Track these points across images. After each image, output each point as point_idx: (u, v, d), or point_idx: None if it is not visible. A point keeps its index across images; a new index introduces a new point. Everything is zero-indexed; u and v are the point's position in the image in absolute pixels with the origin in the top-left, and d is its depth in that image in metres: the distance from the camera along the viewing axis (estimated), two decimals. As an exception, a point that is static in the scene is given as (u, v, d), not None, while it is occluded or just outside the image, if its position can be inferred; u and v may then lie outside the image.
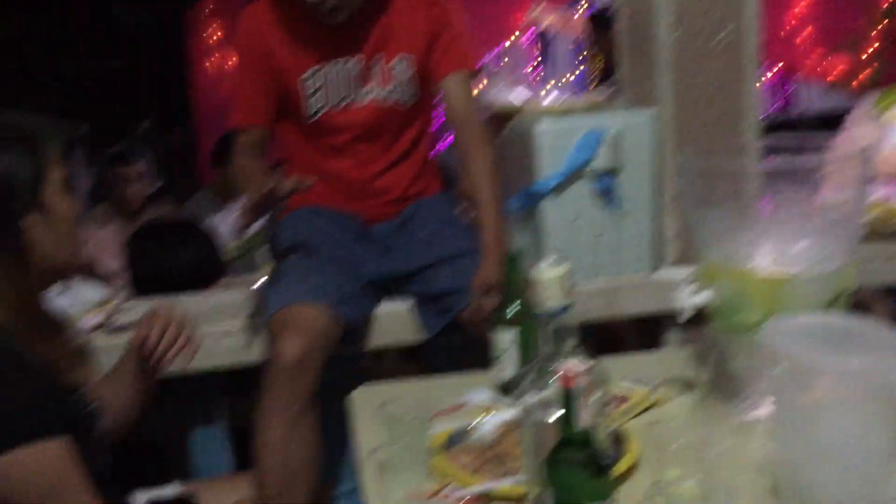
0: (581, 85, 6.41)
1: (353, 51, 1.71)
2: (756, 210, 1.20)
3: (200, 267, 2.03)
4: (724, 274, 1.19)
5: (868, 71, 6.04)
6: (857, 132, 5.53)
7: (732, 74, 1.80)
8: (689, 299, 1.23)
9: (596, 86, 6.31)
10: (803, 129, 3.19)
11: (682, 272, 1.25)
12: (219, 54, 5.87)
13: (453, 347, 1.78)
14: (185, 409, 1.93)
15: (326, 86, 1.72)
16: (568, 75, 6.41)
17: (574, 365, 0.84)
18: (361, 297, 1.70)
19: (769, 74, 6.27)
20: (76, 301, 1.76)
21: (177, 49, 5.90)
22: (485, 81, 2.03)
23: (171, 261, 1.99)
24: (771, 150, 1.30)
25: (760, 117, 1.86)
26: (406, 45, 1.73)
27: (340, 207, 1.79)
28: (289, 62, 1.71)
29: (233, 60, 5.78)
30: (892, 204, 2.08)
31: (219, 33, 5.84)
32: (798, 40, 6.25)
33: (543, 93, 1.95)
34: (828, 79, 6.31)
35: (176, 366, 1.35)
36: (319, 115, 1.73)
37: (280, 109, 1.76)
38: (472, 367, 1.53)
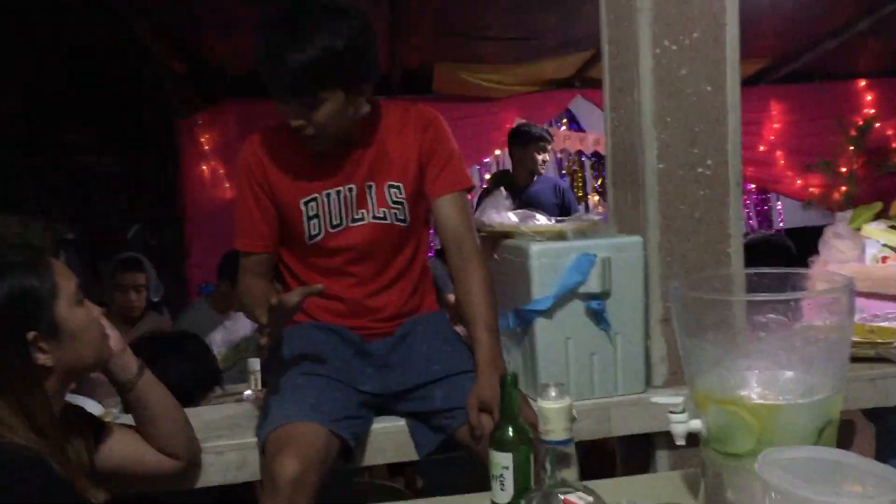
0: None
1: (347, 179, 1.79)
2: (745, 338, 1.25)
3: (196, 378, 2.04)
4: (715, 401, 1.23)
5: (842, 189, 6.26)
6: (836, 248, 5.66)
7: (716, 202, 1.89)
8: (681, 425, 1.26)
9: (576, 200, 6.48)
10: (781, 249, 3.29)
11: (675, 398, 1.28)
12: (212, 162, 6.01)
13: (447, 465, 1.79)
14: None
15: (323, 212, 1.79)
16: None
17: (575, 498, 0.87)
18: (358, 414, 1.72)
19: (747, 194, 6.48)
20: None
21: (169, 154, 6.04)
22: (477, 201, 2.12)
23: (167, 373, 2.00)
24: (755, 277, 1.37)
25: (743, 241, 1.94)
26: (397, 173, 1.81)
27: (338, 324, 1.83)
28: (287, 191, 1.78)
29: (223, 177, 5.95)
30: (872, 324, 2.14)
31: (208, 144, 6.00)
32: (774, 160, 6.49)
33: (535, 215, 2.02)
34: (804, 197, 6.53)
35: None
36: (317, 238, 1.80)
37: (281, 233, 1.83)
38: (466, 486, 1.54)
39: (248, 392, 2.99)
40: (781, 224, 6.78)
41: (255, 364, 3.15)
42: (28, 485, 1.12)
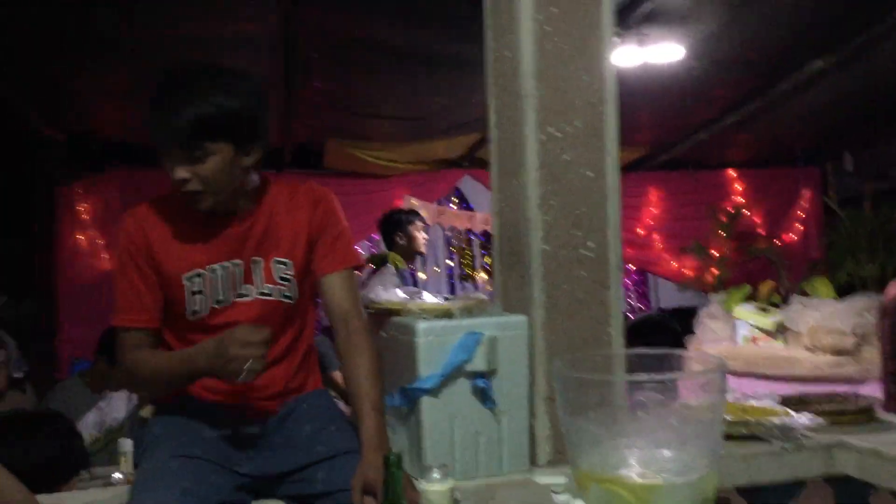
0: (452, 276, 6.67)
1: (233, 254, 1.75)
2: (624, 416, 1.28)
3: (61, 461, 1.92)
4: (597, 480, 1.24)
5: (715, 272, 6.58)
6: (710, 329, 5.89)
7: (597, 283, 1.95)
8: (564, 505, 1.27)
9: (464, 278, 6.56)
10: (666, 329, 3.42)
11: (558, 477, 1.29)
12: (89, 232, 5.79)
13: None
14: None
15: (207, 287, 1.74)
16: (440, 267, 6.68)
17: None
18: (235, 499, 1.64)
19: (627, 274, 6.72)
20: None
21: (41, 223, 5.78)
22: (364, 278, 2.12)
23: (28, 455, 1.88)
24: (635, 358, 1.41)
25: (627, 320, 2.00)
26: (286, 249, 1.78)
27: (217, 402, 1.76)
28: (170, 264, 1.73)
29: (101, 248, 5.74)
30: (744, 404, 2.23)
31: (86, 213, 5.80)
32: (652, 243, 6.78)
33: (423, 293, 2.03)
34: (679, 278, 6.82)
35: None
36: (200, 315, 1.74)
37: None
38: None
39: (117, 475, 2.83)
40: (659, 305, 7.06)
41: (125, 444, 2.99)
42: None
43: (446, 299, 2.00)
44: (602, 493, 1.23)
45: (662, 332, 3.35)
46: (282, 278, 1.78)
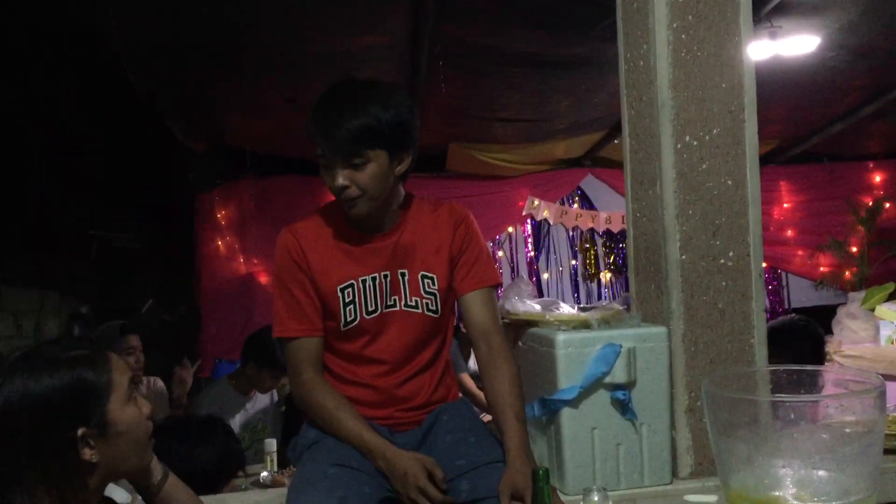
0: (576, 275, 6.63)
1: (382, 266, 1.84)
2: (777, 436, 1.26)
3: (223, 465, 2.05)
4: (750, 501, 1.23)
5: (853, 269, 6.28)
6: (849, 329, 5.64)
7: (738, 294, 1.92)
8: (716, 525, 1.26)
9: (587, 277, 6.51)
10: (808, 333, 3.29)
11: (709, 496, 1.29)
12: (227, 237, 6.08)
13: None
14: None
15: (359, 297, 1.83)
16: (563, 266, 6.65)
17: None
18: (385, 509, 1.72)
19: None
20: None
21: (183, 231, 6.12)
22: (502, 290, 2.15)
23: (194, 460, 2.02)
24: (781, 373, 1.39)
25: (765, 332, 1.96)
26: (430, 264, 1.86)
27: (365, 415, 1.84)
28: (324, 277, 1.82)
29: (238, 252, 6.01)
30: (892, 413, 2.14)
31: (225, 219, 6.08)
32: (784, 239, 6.53)
33: (559, 303, 2.05)
34: (815, 276, 6.54)
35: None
36: (352, 325, 1.83)
37: None
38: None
39: (265, 474, 2.98)
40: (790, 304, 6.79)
41: (271, 445, 3.15)
42: None
43: (583, 310, 2.01)
44: (756, 514, 1.22)
45: (804, 338, 3.22)
46: (427, 292, 1.84)
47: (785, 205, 6.54)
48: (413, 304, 1.84)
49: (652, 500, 1.83)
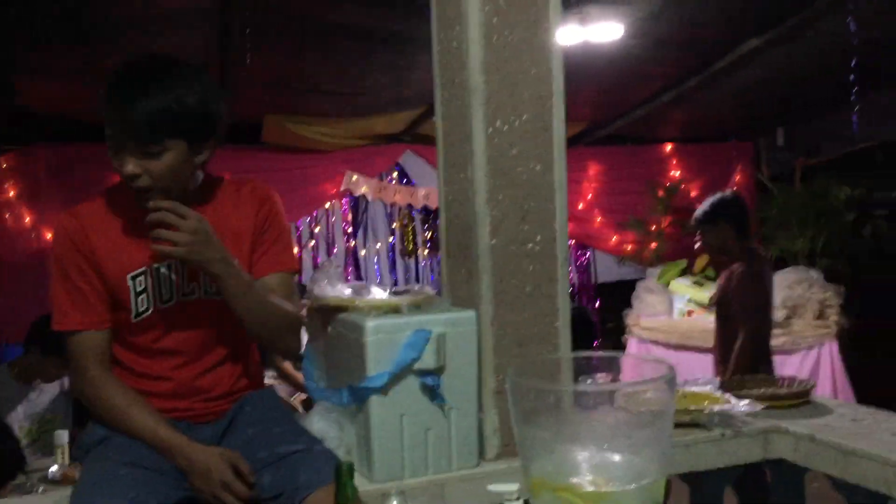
0: (393, 251, 6.65)
1: None
2: (575, 422, 1.29)
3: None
4: (550, 488, 1.25)
5: (652, 246, 6.69)
6: (647, 302, 6.00)
7: (545, 277, 1.96)
8: (518, 513, 1.28)
9: (406, 254, 6.55)
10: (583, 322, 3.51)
11: (510, 485, 1.30)
12: (17, 210, 5.59)
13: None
14: None
15: (152, 287, 1.70)
16: (381, 242, 6.65)
17: None
18: (183, 507, 1.62)
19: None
20: None
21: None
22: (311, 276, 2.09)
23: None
24: (582, 360, 1.43)
25: (569, 314, 2.01)
26: (232, 244, 1.74)
27: (162, 407, 1.72)
28: (113, 263, 1.68)
29: (29, 227, 5.54)
30: (685, 390, 2.27)
31: (14, 190, 5.59)
32: (592, 217, 6.86)
33: (370, 287, 2.01)
34: (618, 252, 6.92)
35: None
36: (144, 315, 1.70)
37: None
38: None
39: (53, 468, 2.76)
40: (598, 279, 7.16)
41: (61, 437, 2.92)
42: None
43: (395, 294, 1.98)
44: (554, 501, 1.24)
45: (582, 324, 3.40)
46: None
47: (593, 185, 6.86)
48: (214, 291, 1.73)
49: (459, 485, 1.84)
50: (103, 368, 1.69)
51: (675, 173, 7.00)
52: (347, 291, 1.97)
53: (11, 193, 5.58)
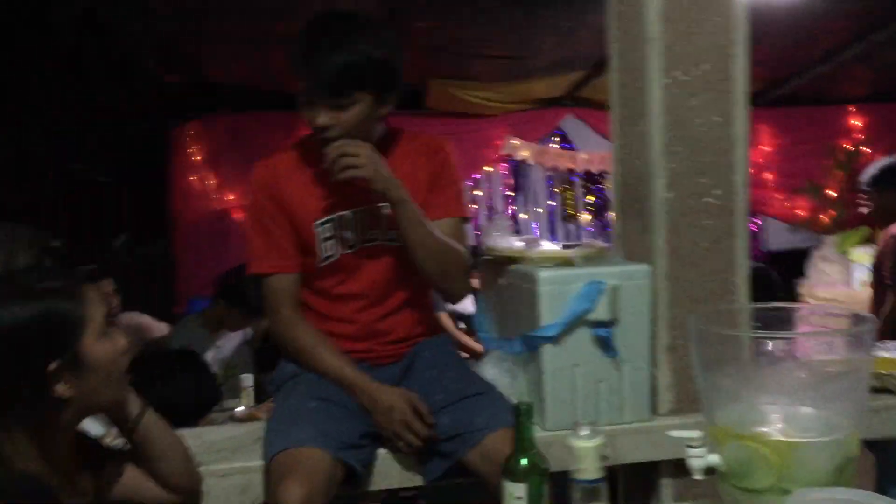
0: (553, 216, 6.62)
1: (361, 201, 1.79)
2: (763, 372, 1.25)
3: (199, 399, 2.03)
4: (735, 437, 1.23)
5: (830, 213, 6.31)
6: (823, 272, 5.68)
7: (723, 232, 1.90)
8: (699, 460, 1.26)
9: (566, 218, 6.50)
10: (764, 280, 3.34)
11: (693, 431, 1.28)
12: (202, 173, 5.98)
13: (451, 495, 1.78)
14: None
15: (337, 233, 1.79)
16: (541, 207, 6.64)
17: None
18: (363, 443, 1.70)
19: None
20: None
21: (158, 165, 6.00)
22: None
23: (169, 394, 1.99)
24: (761, 311, 1.38)
25: (748, 270, 1.95)
26: (409, 195, 1.81)
27: (345, 348, 1.81)
28: (302, 211, 1.78)
29: (213, 189, 5.92)
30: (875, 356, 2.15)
31: (199, 155, 5.98)
32: (762, 182, 6.54)
33: (541, 240, 2.03)
34: (791, 219, 6.58)
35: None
36: (330, 261, 1.79)
37: None
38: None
39: (240, 409, 2.97)
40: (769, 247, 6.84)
41: (247, 380, 3.14)
42: None
43: (565, 247, 1.98)
44: (740, 449, 1.22)
45: (763, 285, 3.24)
46: None
47: (765, 148, 6.53)
48: (393, 237, 1.80)
49: (631, 437, 1.84)
50: (294, 310, 1.80)
51: (858, 136, 6.55)
52: (519, 244, 2.00)
53: (196, 158, 5.97)
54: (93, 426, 1.80)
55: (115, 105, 5.57)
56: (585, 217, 6.67)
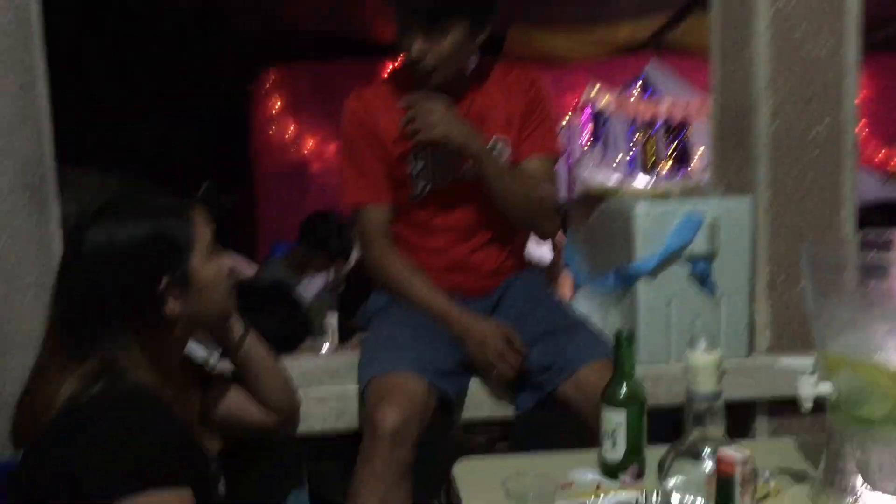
0: (634, 165, 6.49)
1: None
2: (882, 300, 1.20)
3: (293, 329, 2.06)
4: (849, 366, 1.19)
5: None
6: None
7: (829, 166, 1.83)
8: (810, 389, 1.22)
9: (647, 168, 6.36)
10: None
11: (805, 360, 1.24)
12: (283, 122, 6.05)
13: (540, 425, 1.78)
14: (273, 474, 1.94)
15: (429, 166, 1.78)
16: (622, 155, 6.51)
17: (732, 452, 0.85)
18: (456, 372, 1.71)
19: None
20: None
21: (240, 118, 6.09)
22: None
23: (266, 323, 2.03)
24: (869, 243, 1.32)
25: (855, 206, 1.87)
26: (503, 127, 1.80)
27: (437, 281, 1.81)
28: (395, 144, 1.77)
29: (294, 138, 5.97)
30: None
31: (279, 104, 6.03)
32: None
33: (636, 175, 1.98)
34: (885, 169, 6.31)
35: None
36: (424, 193, 1.79)
37: None
38: (557, 445, 1.53)
39: (327, 346, 3.02)
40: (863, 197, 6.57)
41: (332, 319, 3.18)
42: (160, 425, 1.13)
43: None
44: (855, 378, 1.18)
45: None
46: (500, 156, 1.79)
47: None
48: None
49: (729, 374, 1.79)
50: (387, 241, 1.81)
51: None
52: (615, 177, 1.96)
53: (277, 106, 6.03)
54: (198, 350, 1.85)
55: (195, 56, 5.65)
56: (667, 165, 6.52)
